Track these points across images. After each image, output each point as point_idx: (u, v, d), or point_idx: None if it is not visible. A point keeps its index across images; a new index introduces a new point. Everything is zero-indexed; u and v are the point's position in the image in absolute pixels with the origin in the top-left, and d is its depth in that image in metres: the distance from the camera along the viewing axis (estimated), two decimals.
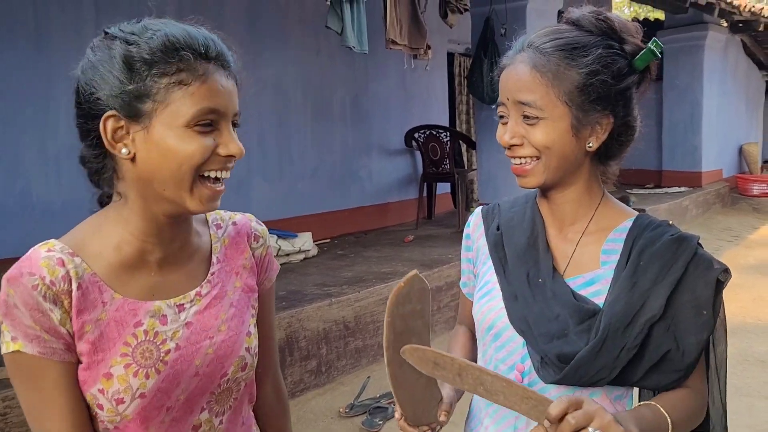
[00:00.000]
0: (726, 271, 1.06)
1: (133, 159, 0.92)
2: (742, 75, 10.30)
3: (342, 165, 6.25)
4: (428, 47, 5.69)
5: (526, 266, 1.14)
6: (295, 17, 5.67)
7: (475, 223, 1.29)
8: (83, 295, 0.91)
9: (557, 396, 0.96)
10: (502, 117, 1.11)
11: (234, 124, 0.97)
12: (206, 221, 1.09)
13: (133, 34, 0.92)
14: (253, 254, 1.12)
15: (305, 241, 5.03)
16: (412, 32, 4.56)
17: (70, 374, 0.92)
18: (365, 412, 3.38)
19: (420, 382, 1.04)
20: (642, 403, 1.05)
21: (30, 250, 0.92)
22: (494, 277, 1.18)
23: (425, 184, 6.66)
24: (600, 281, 1.09)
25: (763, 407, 3.54)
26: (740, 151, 10.46)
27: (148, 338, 0.95)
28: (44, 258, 0.90)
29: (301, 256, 5.03)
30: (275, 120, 5.59)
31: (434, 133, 6.40)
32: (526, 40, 1.11)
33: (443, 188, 7.05)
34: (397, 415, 1.08)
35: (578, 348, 1.02)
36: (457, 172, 6.38)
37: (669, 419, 1.00)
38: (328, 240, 5.86)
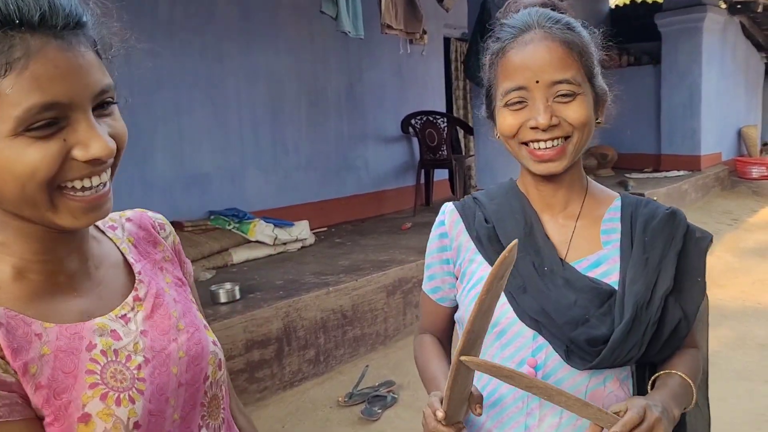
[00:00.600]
0: (711, 239, 1.12)
1: None
2: (741, 57, 10.23)
3: (338, 153, 6.21)
4: (424, 32, 5.61)
5: (528, 256, 1.10)
6: (288, 3, 5.60)
7: (452, 221, 1.21)
8: (9, 332, 0.71)
9: (574, 383, 1.05)
10: (519, 103, 1.05)
11: (103, 104, 0.73)
12: (97, 227, 0.91)
13: None
14: (166, 244, 0.97)
15: (302, 230, 5.00)
16: (407, 16, 4.50)
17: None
18: (364, 401, 3.36)
19: (470, 378, 0.98)
20: (663, 372, 1.06)
21: None
22: (487, 273, 1.14)
23: (423, 170, 6.61)
24: (606, 261, 1.09)
25: (764, 391, 3.52)
26: (739, 133, 10.40)
27: (109, 359, 0.77)
28: None
29: (298, 245, 5.00)
30: (269, 109, 5.54)
31: (431, 119, 6.35)
32: (530, 20, 1.07)
33: (441, 175, 7.01)
34: (440, 414, 0.96)
35: (602, 331, 1.02)
36: (454, 159, 6.34)
37: (692, 383, 1.04)
38: (325, 228, 5.83)
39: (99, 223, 0.90)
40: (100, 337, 0.77)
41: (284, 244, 4.88)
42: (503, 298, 1.09)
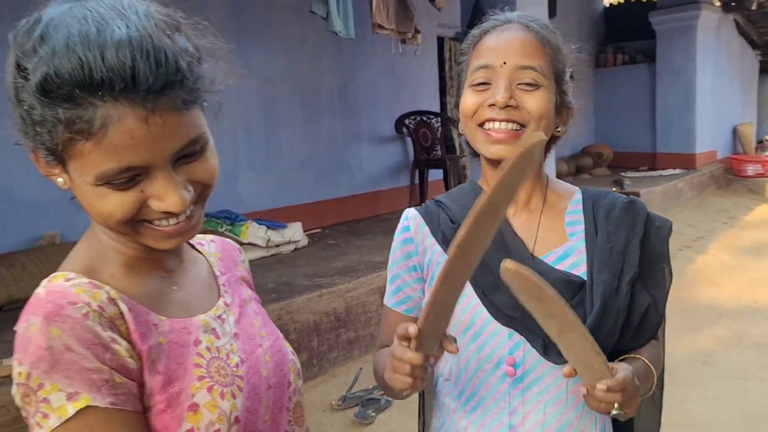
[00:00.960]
0: (671, 226, 1.14)
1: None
2: (736, 55, 10.23)
3: (331, 154, 6.18)
4: (417, 31, 5.58)
5: (498, 253, 1.09)
6: (281, 4, 5.57)
7: (416, 225, 1.19)
8: (136, 317, 0.75)
9: (554, 378, 1.06)
10: (481, 84, 1.06)
11: (190, 155, 0.75)
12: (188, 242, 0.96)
13: (25, 54, 0.68)
14: (243, 267, 1.05)
15: (295, 232, 4.97)
16: (399, 16, 4.47)
17: (144, 429, 0.73)
18: (358, 404, 3.34)
19: (450, 303, 0.91)
20: (628, 356, 1.07)
21: (41, 289, 0.72)
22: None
23: (417, 170, 6.59)
24: (573, 253, 1.10)
25: (759, 390, 3.51)
26: (734, 131, 10.41)
27: (213, 355, 0.81)
28: (73, 285, 0.71)
29: (292, 247, 4.97)
30: (262, 110, 5.51)
31: (425, 119, 6.32)
32: (512, 16, 1.10)
33: (436, 175, 6.98)
34: (412, 329, 0.89)
35: None
36: (448, 158, 6.31)
37: (654, 371, 1.06)
38: (318, 230, 5.80)
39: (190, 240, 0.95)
40: (204, 333, 0.83)
41: (277, 246, 4.85)
42: (476, 299, 1.09)
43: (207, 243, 1.00)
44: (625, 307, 1.05)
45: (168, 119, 0.70)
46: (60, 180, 0.75)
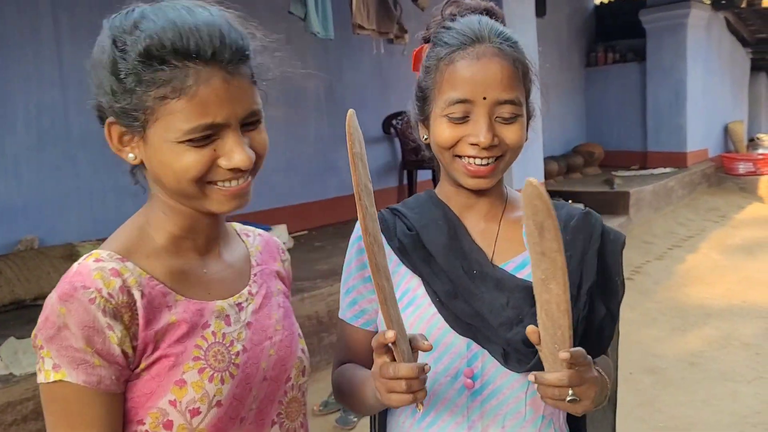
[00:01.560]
0: (624, 240, 1.13)
1: (143, 162, 0.88)
2: (726, 53, 10.20)
3: (318, 156, 6.12)
4: (405, 31, 5.53)
5: (457, 261, 1.07)
6: (262, 5, 5.51)
7: None
8: (149, 303, 0.85)
9: (513, 390, 1.04)
10: (461, 118, 1.02)
11: (251, 124, 0.88)
12: (232, 230, 1.06)
13: (124, 32, 0.83)
14: (284, 266, 1.11)
15: (279, 234, 4.92)
16: (380, 16, 4.41)
17: (114, 410, 0.83)
18: (339, 409, 3.29)
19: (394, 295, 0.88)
20: None
21: (76, 265, 0.84)
22: (414, 283, 1.09)
23: (405, 171, 6.54)
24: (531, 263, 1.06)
25: (747, 392, 3.47)
26: (726, 129, 10.38)
27: (217, 340, 0.89)
28: (96, 269, 0.82)
29: None
30: None
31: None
32: (481, 32, 1.04)
33: (424, 175, 6.94)
34: (389, 334, 0.85)
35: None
36: (435, 159, 6.27)
37: (608, 380, 1.04)
38: (305, 232, 5.75)
39: (237, 229, 1.07)
40: (215, 318, 0.91)
41: None
42: (432, 309, 1.05)
43: (253, 235, 1.09)
44: (584, 317, 1.03)
45: (242, 85, 0.85)
46: (131, 155, 0.87)
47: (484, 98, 1.01)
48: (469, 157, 1.03)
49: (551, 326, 0.88)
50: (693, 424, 3.17)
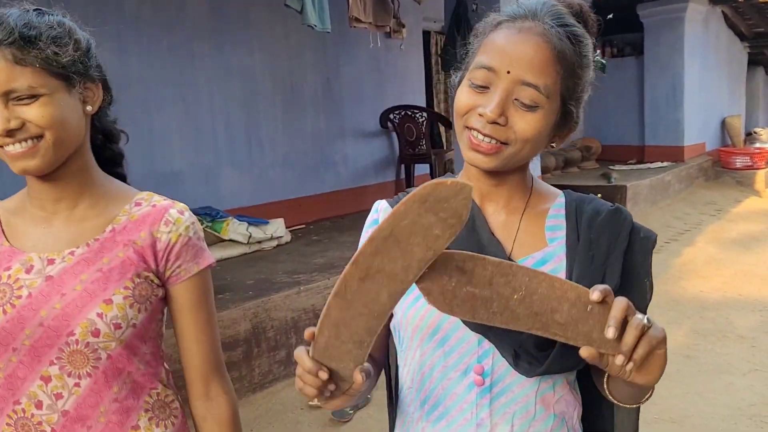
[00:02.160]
0: (655, 239, 1.06)
1: None
2: (724, 47, 10.21)
3: (315, 150, 6.12)
4: (402, 25, 5.53)
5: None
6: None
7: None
8: None
9: (523, 389, 1.00)
10: (481, 87, 0.96)
11: (22, 98, 0.99)
12: (129, 198, 1.14)
13: None
14: (153, 236, 1.10)
15: (277, 228, 4.92)
16: (377, 9, 4.40)
17: None
18: None
19: (354, 327, 0.84)
20: None
21: None
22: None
23: (402, 165, 6.55)
24: (552, 259, 1.03)
25: (742, 385, 3.48)
26: (723, 124, 10.39)
27: (8, 282, 1.04)
28: None
29: (274, 243, 4.91)
30: (243, 107, 5.45)
31: (409, 113, 6.28)
32: (538, 10, 0.97)
33: (422, 169, 6.94)
34: (308, 331, 0.86)
35: None
36: (434, 153, 6.28)
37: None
38: (303, 226, 5.75)
39: (134, 198, 1.15)
40: (19, 265, 1.05)
41: (259, 242, 4.79)
42: None
43: (145, 204, 1.13)
44: None
45: (8, 66, 0.97)
46: None
47: (508, 72, 0.93)
48: (474, 129, 0.97)
49: (580, 324, 0.82)
50: (688, 417, 3.18)
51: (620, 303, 0.80)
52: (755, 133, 10.46)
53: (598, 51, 1.07)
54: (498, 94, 0.94)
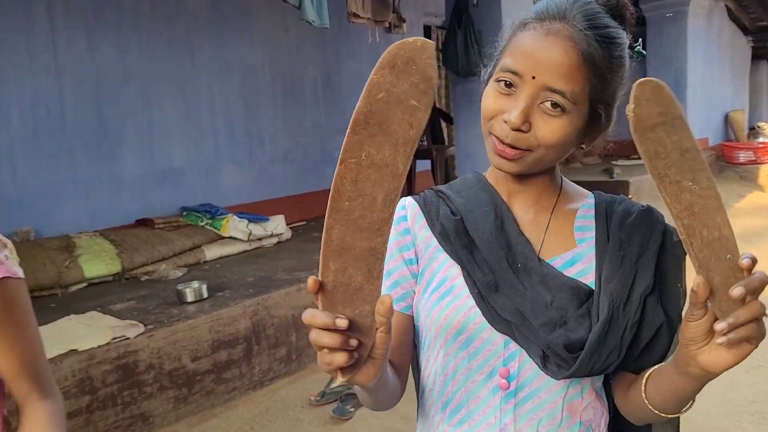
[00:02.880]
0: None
1: None
2: (727, 41, 10.15)
3: (315, 146, 6.10)
4: (403, 20, 5.49)
5: (502, 251, 0.98)
6: None
7: (413, 216, 1.07)
8: None
9: (550, 393, 0.97)
10: (508, 86, 0.93)
11: None
12: None
13: None
14: None
15: (277, 225, 4.90)
16: (375, 4, 4.37)
17: None
18: (336, 400, 3.28)
19: (360, 242, 0.75)
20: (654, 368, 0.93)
21: None
22: (453, 272, 1.01)
23: None
24: (581, 260, 0.99)
25: (744, 382, 3.46)
26: (726, 118, 10.35)
27: None
28: None
29: (274, 240, 4.90)
30: (243, 102, 5.43)
31: None
32: (569, 10, 0.93)
33: (423, 165, 6.92)
34: (309, 283, 0.73)
35: (581, 335, 0.91)
36: (435, 149, 6.25)
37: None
38: (303, 222, 5.73)
39: None
40: None
41: (259, 239, 4.78)
42: (471, 301, 0.98)
43: None
44: (635, 322, 0.93)
45: None
46: None
47: (533, 78, 0.90)
48: (497, 137, 0.94)
49: (713, 259, 0.74)
50: (689, 414, 3.15)
51: (763, 277, 0.73)
52: (758, 127, 10.41)
53: (639, 40, 1.03)
54: (523, 100, 0.91)
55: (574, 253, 1.00)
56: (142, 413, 2.91)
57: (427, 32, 7.60)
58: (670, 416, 0.92)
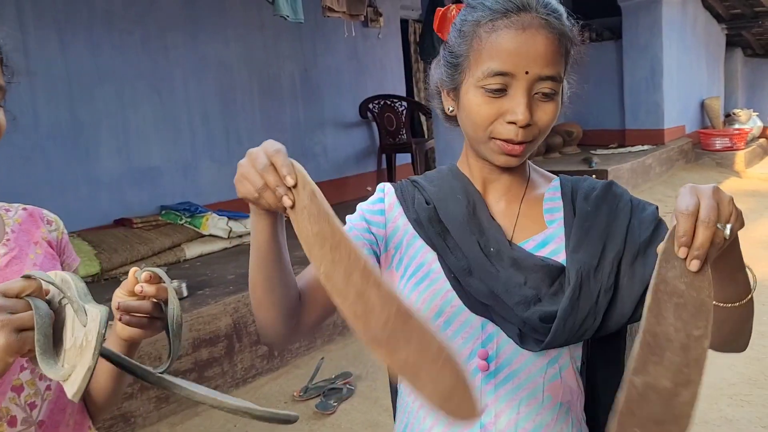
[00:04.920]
0: (657, 208, 1.05)
1: None
2: (702, 29, 10.24)
3: (294, 142, 6.08)
4: (379, 14, 5.50)
5: (473, 236, 1.02)
6: None
7: (391, 202, 1.10)
8: None
9: (530, 373, 0.99)
10: (498, 90, 0.95)
11: None
12: None
13: None
14: (49, 235, 1.16)
15: None
16: None
17: None
18: (319, 395, 3.29)
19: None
20: None
21: None
22: (429, 257, 1.04)
23: (383, 155, 6.52)
24: (552, 240, 1.03)
25: (722, 364, 3.51)
26: (702, 105, 10.45)
27: None
28: None
29: None
30: (219, 100, 5.39)
31: (389, 103, 6.25)
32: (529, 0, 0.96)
33: (403, 159, 6.93)
34: (290, 180, 0.85)
35: (556, 307, 0.95)
36: (414, 142, 6.26)
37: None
38: (285, 218, 5.71)
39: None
40: None
41: (240, 236, 4.75)
42: (447, 285, 1.01)
43: (15, 210, 1.14)
44: (609, 287, 0.96)
45: None
46: None
47: (527, 72, 0.94)
48: (504, 140, 0.97)
49: None
50: None
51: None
52: (734, 114, 10.52)
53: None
54: (522, 96, 0.94)
55: (545, 234, 1.04)
56: (123, 414, 2.89)
57: (404, 26, 7.59)
58: (739, 302, 0.88)
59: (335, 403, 3.21)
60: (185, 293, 3.47)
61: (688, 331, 0.74)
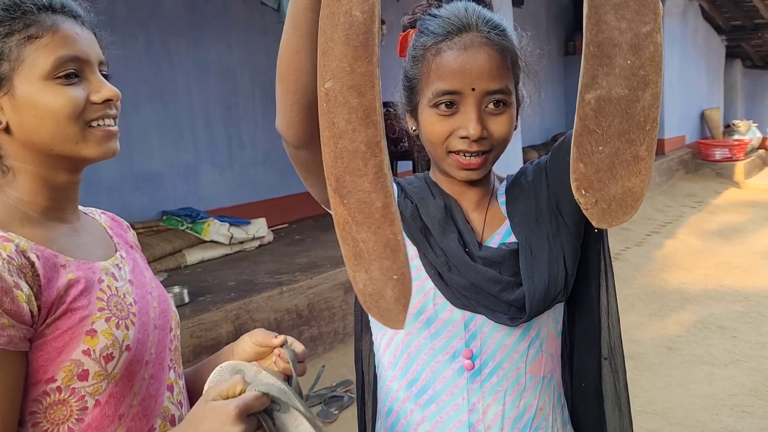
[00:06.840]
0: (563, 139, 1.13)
1: (7, 129, 0.89)
2: (702, 40, 10.29)
3: None
4: (382, 22, 5.49)
5: (452, 233, 1.07)
6: None
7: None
8: (44, 263, 0.86)
9: (512, 363, 1.04)
10: (449, 107, 1.00)
11: (104, 75, 0.95)
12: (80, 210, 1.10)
13: None
14: (133, 238, 1.15)
15: (259, 228, 4.87)
16: None
17: (22, 370, 0.84)
18: (320, 403, 3.28)
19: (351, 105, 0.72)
20: None
21: None
22: (410, 252, 1.07)
23: None
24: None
25: (723, 375, 3.51)
26: (702, 116, 10.49)
27: (112, 293, 0.94)
28: None
29: (256, 243, 4.87)
30: (222, 104, 5.39)
31: (391, 110, 6.24)
32: (468, 19, 1.01)
33: (405, 166, 6.92)
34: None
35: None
36: (416, 149, 6.25)
37: None
38: (285, 225, 5.71)
39: (81, 209, 1.06)
40: (105, 275, 0.94)
41: (241, 243, 4.75)
42: (430, 283, 1.05)
43: (98, 215, 1.10)
44: (555, 231, 1.05)
45: (89, 33, 0.97)
46: None
47: (473, 89, 0.99)
48: (460, 152, 1.01)
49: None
50: (670, 408, 3.20)
51: None
52: (734, 125, 10.56)
53: None
54: (472, 111, 0.99)
55: (507, 226, 1.10)
56: None
57: None
58: None
59: (336, 411, 3.20)
60: (187, 300, 3.46)
61: (636, 30, 0.67)
